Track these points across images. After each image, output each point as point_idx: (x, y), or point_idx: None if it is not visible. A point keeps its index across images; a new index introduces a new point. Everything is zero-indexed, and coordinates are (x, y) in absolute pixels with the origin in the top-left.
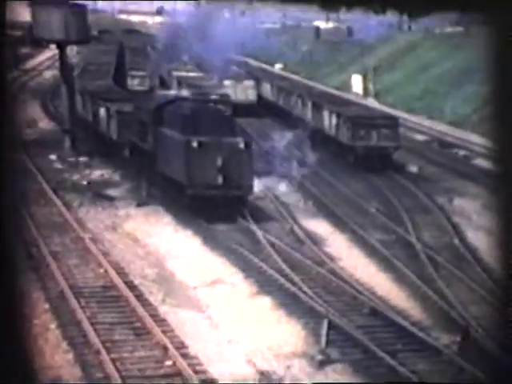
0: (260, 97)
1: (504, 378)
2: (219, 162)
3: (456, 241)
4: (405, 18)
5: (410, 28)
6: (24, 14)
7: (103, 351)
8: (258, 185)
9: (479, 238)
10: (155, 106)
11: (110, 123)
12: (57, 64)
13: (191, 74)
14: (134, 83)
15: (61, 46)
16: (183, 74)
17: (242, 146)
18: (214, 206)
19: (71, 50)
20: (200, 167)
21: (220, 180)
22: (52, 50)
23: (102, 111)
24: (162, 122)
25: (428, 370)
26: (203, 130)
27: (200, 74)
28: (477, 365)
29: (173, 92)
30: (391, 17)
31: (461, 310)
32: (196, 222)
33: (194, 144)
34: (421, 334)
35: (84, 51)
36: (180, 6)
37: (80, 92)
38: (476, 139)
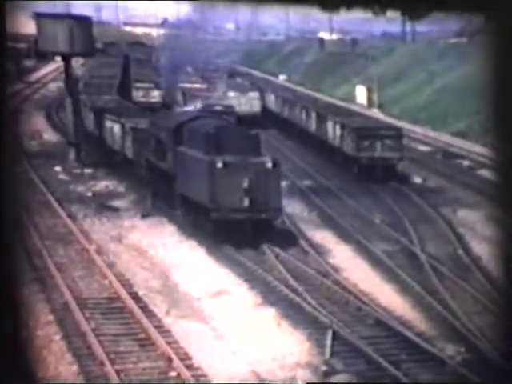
0: (264, 108)
1: None
2: (245, 183)
3: (460, 251)
4: (409, 29)
5: (413, 39)
6: (29, 27)
7: (107, 362)
8: None
9: (483, 248)
10: (175, 123)
11: (125, 140)
12: (62, 76)
13: (196, 86)
14: (138, 95)
15: (66, 59)
16: (188, 85)
17: (269, 165)
18: (239, 230)
19: (76, 62)
20: (225, 189)
21: (246, 203)
22: (57, 63)
23: (116, 128)
24: (183, 140)
25: (432, 381)
26: (228, 150)
27: (204, 86)
28: (481, 375)
29: (192, 109)
30: (395, 27)
31: (465, 320)
32: (200, 233)
33: (219, 164)
34: (425, 345)
35: (89, 63)
36: (184, 16)
37: (89, 106)
38: (480, 150)
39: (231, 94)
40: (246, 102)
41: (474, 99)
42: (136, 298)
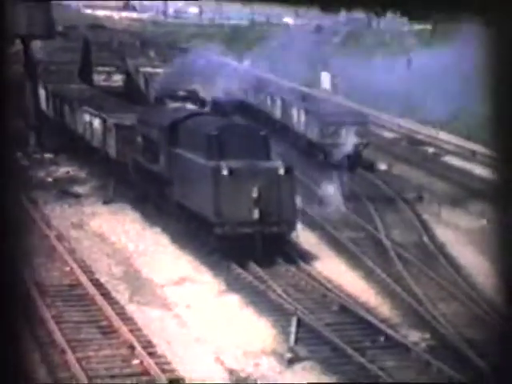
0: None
1: (471, 374)
2: (255, 192)
3: (425, 238)
4: (374, 15)
5: (379, 25)
6: None
7: (69, 350)
8: None
9: (448, 235)
10: (169, 121)
11: (107, 137)
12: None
13: (158, 70)
14: (100, 79)
15: (25, 42)
16: (150, 69)
17: (281, 171)
18: (248, 245)
19: (35, 46)
20: (231, 200)
21: (256, 215)
22: (16, 46)
23: (97, 122)
24: (178, 141)
25: (396, 367)
26: (233, 154)
27: (168, 70)
28: (445, 361)
29: (189, 106)
30: (360, 14)
31: (430, 306)
32: (164, 220)
33: (225, 171)
34: (389, 331)
35: (49, 47)
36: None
37: (59, 96)
38: (445, 137)
39: (195, 78)
40: (210, 87)
41: (440, 86)
42: (98, 284)
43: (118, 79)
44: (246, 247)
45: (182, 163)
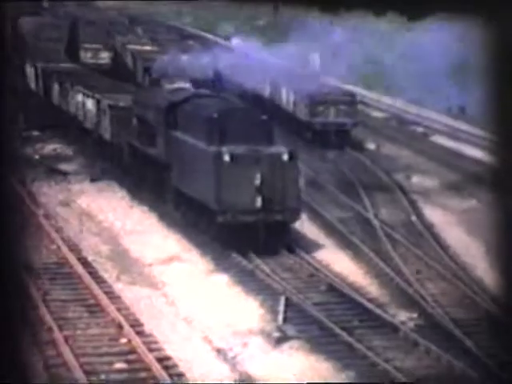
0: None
1: (459, 354)
2: (257, 179)
3: (413, 218)
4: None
5: None
6: None
7: (56, 329)
8: None
9: (436, 215)
10: (167, 103)
11: (101, 119)
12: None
13: (146, 48)
14: (87, 56)
15: (12, 18)
16: (138, 47)
17: (285, 157)
18: (250, 234)
19: (22, 22)
20: (233, 187)
21: (259, 203)
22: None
23: (90, 103)
24: (177, 124)
25: (384, 346)
26: (235, 139)
27: (155, 48)
28: (433, 340)
29: (187, 86)
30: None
31: (418, 286)
32: (151, 198)
33: (226, 157)
34: (377, 311)
35: (35, 24)
36: None
37: (49, 75)
38: (434, 116)
39: (184, 57)
40: (199, 66)
41: (430, 66)
42: (85, 263)
43: (105, 56)
44: (247, 236)
45: (181, 147)
